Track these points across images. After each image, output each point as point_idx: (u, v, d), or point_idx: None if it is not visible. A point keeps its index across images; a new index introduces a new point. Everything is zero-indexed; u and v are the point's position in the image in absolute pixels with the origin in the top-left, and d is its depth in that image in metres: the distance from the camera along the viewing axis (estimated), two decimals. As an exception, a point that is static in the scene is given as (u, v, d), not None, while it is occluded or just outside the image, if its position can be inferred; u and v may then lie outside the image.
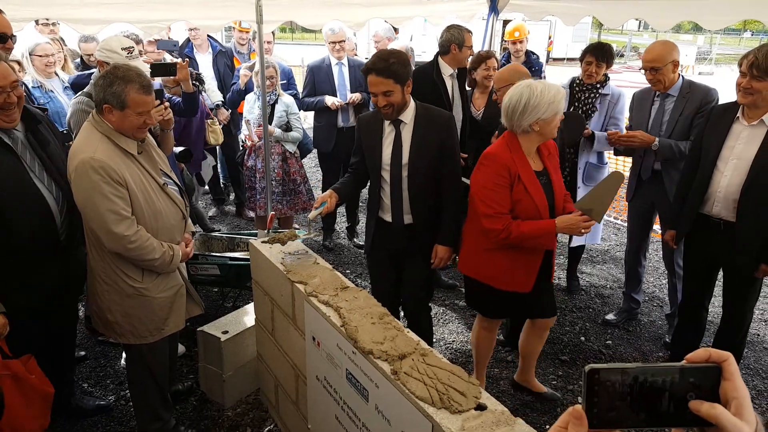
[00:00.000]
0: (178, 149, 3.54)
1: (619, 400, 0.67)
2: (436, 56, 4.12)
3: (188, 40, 5.64)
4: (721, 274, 3.20)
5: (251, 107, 4.82)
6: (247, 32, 5.85)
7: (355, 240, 5.59)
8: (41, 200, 2.43)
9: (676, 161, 3.48)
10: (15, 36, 2.96)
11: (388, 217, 3.01)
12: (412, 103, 2.87)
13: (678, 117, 3.44)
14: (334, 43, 5.06)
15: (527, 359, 3.27)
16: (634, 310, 4.25)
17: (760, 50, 2.61)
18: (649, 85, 3.56)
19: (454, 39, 3.97)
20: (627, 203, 4.01)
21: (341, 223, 5.88)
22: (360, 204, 6.07)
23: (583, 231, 2.60)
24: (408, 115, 2.85)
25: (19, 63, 3.74)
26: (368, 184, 3.12)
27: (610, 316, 4.24)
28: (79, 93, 3.17)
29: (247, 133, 4.78)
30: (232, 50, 5.86)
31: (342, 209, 5.87)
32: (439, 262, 2.97)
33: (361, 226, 5.88)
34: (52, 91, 4.15)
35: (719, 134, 2.90)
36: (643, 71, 3.50)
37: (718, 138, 2.90)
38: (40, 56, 4.16)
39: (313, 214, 2.84)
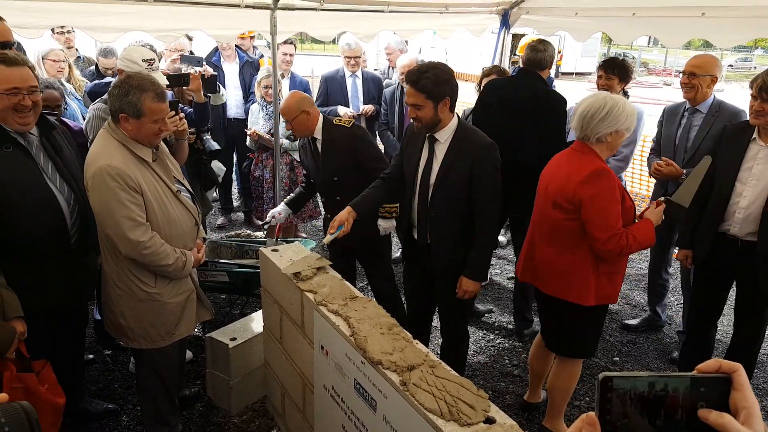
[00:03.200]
0: (212, 146, 3.71)
1: (632, 408, 0.69)
2: (535, 73, 3.74)
3: (216, 49, 5.71)
4: (732, 293, 3.19)
5: (256, 117, 4.85)
6: (246, 38, 5.88)
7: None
8: (53, 201, 2.48)
9: None
10: (17, 43, 3.01)
11: (414, 233, 2.97)
12: (452, 123, 2.74)
13: (705, 135, 3.44)
14: (349, 57, 5.11)
15: (555, 398, 3.03)
16: (656, 322, 4.29)
17: None
18: (682, 101, 3.59)
19: (550, 57, 3.76)
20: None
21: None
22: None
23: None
24: (444, 135, 2.74)
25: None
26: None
27: (631, 321, 4.28)
28: (97, 100, 3.21)
29: (252, 131, 4.79)
30: (257, 61, 5.93)
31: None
32: (462, 294, 2.85)
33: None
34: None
35: (736, 154, 2.89)
36: (681, 75, 3.53)
37: (734, 158, 2.90)
38: (54, 61, 4.24)
39: (328, 239, 2.80)
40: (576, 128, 2.62)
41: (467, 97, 6.46)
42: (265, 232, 4.13)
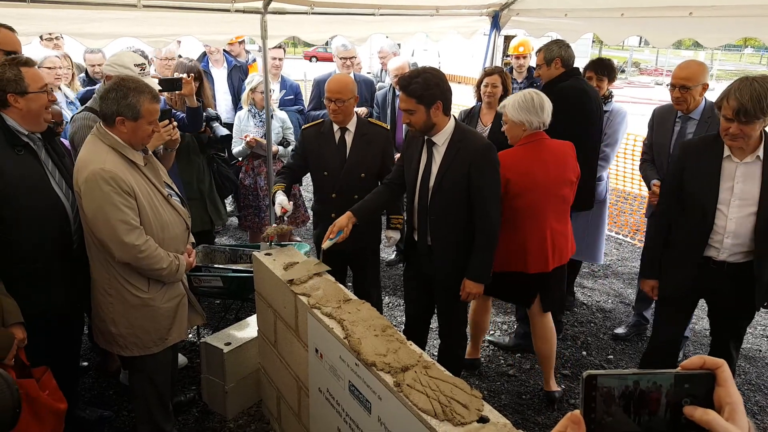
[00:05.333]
0: (220, 132, 4.04)
1: (617, 406, 0.69)
2: (581, 76, 3.84)
3: (204, 55, 5.71)
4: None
5: (245, 124, 4.79)
6: (234, 43, 5.88)
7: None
8: (59, 205, 2.52)
9: None
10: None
11: (415, 236, 2.97)
12: (449, 126, 2.75)
13: None
14: (344, 59, 5.12)
15: (551, 360, 3.45)
16: (643, 326, 4.24)
17: (743, 94, 2.38)
18: (670, 103, 3.46)
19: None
20: (646, 219, 3.93)
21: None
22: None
23: None
24: (441, 138, 2.75)
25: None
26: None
27: (620, 330, 4.24)
28: (81, 108, 3.15)
29: (251, 138, 4.71)
30: (246, 65, 5.92)
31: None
32: (466, 296, 2.87)
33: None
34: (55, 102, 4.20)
35: (709, 174, 2.67)
36: (669, 87, 3.38)
37: (709, 178, 2.67)
38: (49, 68, 4.21)
39: (327, 244, 2.77)
40: (544, 119, 3.03)
41: (461, 100, 6.49)
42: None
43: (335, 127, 3.32)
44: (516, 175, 2.96)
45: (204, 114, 4.04)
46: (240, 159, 4.98)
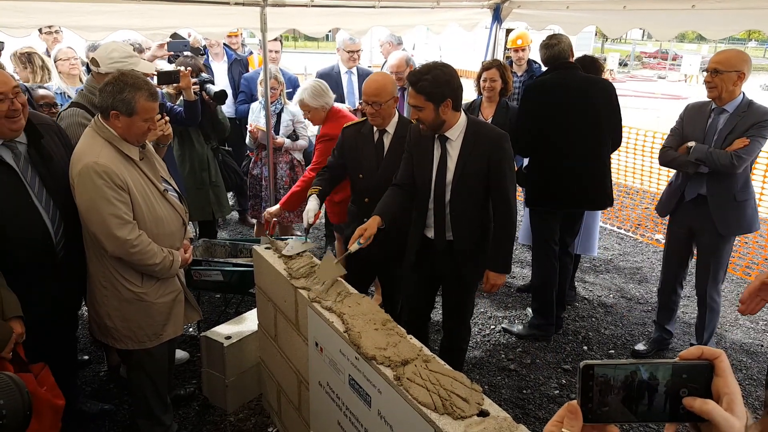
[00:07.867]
0: (214, 89, 4.03)
1: (614, 396, 0.69)
2: (567, 64, 3.74)
3: (204, 48, 5.69)
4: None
5: (257, 116, 4.84)
6: (236, 36, 5.88)
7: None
8: (39, 221, 2.39)
9: (723, 190, 3.28)
10: (2, 43, 2.91)
11: (430, 234, 2.90)
12: (461, 120, 2.71)
13: (727, 135, 3.18)
14: (351, 52, 5.10)
15: None
16: (666, 341, 3.93)
17: None
18: (705, 100, 3.33)
19: (567, 46, 3.80)
20: (662, 218, 3.78)
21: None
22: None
23: None
24: (455, 133, 2.71)
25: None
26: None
27: (640, 347, 3.94)
28: (69, 105, 3.04)
29: (252, 126, 4.73)
30: (246, 59, 5.92)
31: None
32: (490, 288, 2.84)
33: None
34: (71, 98, 4.19)
35: None
36: (705, 73, 3.25)
37: None
38: (63, 60, 4.21)
39: (354, 247, 2.66)
40: (329, 99, 3.69)
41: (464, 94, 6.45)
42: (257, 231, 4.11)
43: (375, 127, 3.17)
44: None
45: (197, 78, 4.03)
46: (251, 150, 5.02)
